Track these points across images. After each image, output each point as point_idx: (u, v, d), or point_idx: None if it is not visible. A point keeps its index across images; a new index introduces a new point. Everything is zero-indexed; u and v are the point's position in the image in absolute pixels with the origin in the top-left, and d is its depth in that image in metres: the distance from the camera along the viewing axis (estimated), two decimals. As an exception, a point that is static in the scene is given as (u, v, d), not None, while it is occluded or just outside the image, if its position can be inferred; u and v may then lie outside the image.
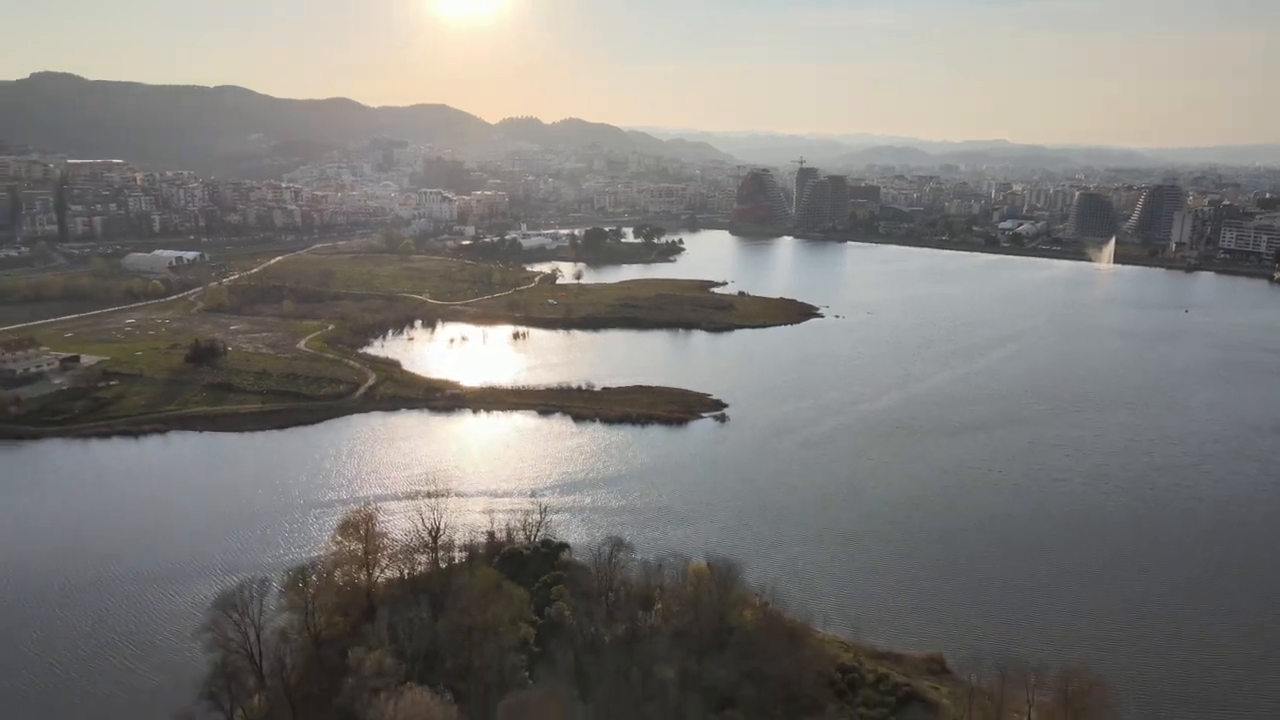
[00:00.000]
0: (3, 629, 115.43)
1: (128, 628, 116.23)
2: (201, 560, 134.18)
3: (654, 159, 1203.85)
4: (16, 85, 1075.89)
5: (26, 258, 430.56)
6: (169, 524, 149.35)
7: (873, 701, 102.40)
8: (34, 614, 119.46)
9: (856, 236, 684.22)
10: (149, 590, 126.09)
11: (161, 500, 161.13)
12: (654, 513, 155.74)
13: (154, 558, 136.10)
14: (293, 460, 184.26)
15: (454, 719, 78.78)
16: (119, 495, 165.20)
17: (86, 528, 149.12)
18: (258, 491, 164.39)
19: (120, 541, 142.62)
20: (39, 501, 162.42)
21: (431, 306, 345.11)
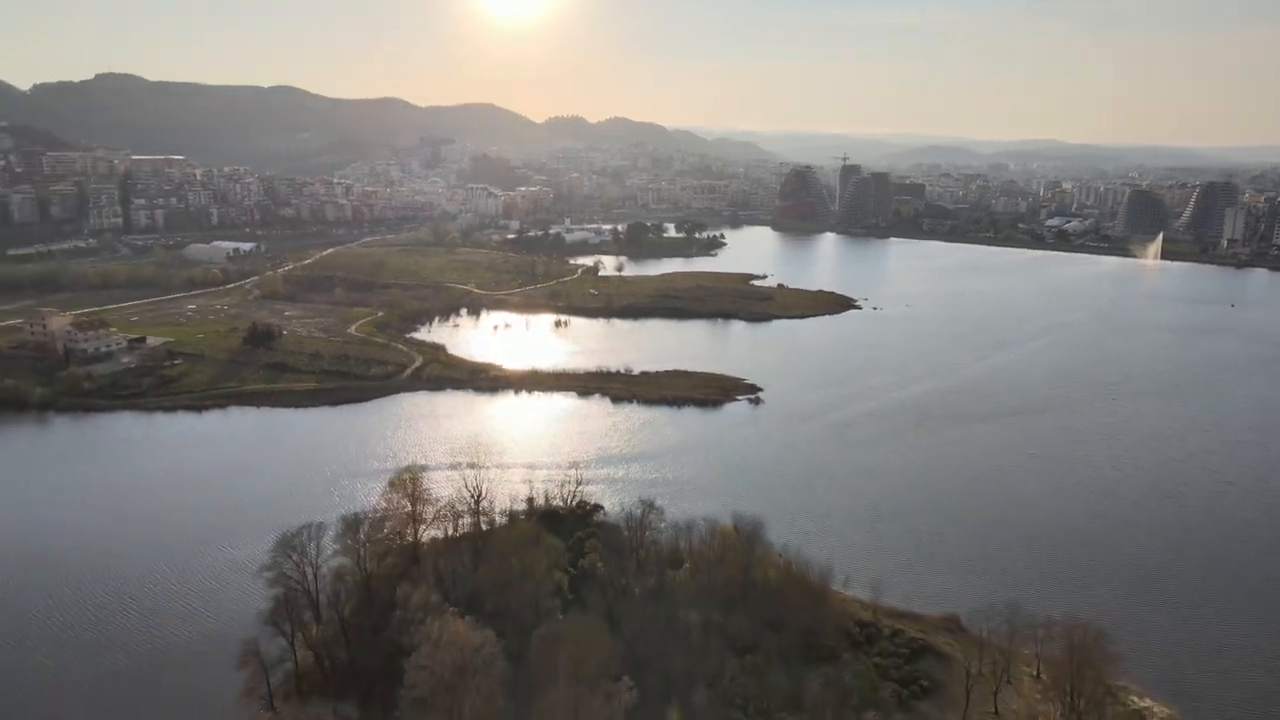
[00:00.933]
0: (84, 581, 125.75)
1: (193, 577, 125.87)
2: (259, 519, 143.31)
3: (698, 157, 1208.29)
4: (82, 86, 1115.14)
5: (93, 248, 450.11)
6: (229, 487, 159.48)
7: (888, 652, 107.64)
8: (109, 566, 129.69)
9: (899, 233, 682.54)
10: (211, 544, 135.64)
11: (222, 467, 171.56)
12: (685, 484, 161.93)
13: (215, 517, 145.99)
14: (344, 433, 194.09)
15: (491, 643, 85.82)
16: (183, 462, 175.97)
17: (153, 490, 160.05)
18: (311, 460, 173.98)
19: (184, 503, 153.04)
20: (111, 466, 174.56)
21: (476, 295, 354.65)
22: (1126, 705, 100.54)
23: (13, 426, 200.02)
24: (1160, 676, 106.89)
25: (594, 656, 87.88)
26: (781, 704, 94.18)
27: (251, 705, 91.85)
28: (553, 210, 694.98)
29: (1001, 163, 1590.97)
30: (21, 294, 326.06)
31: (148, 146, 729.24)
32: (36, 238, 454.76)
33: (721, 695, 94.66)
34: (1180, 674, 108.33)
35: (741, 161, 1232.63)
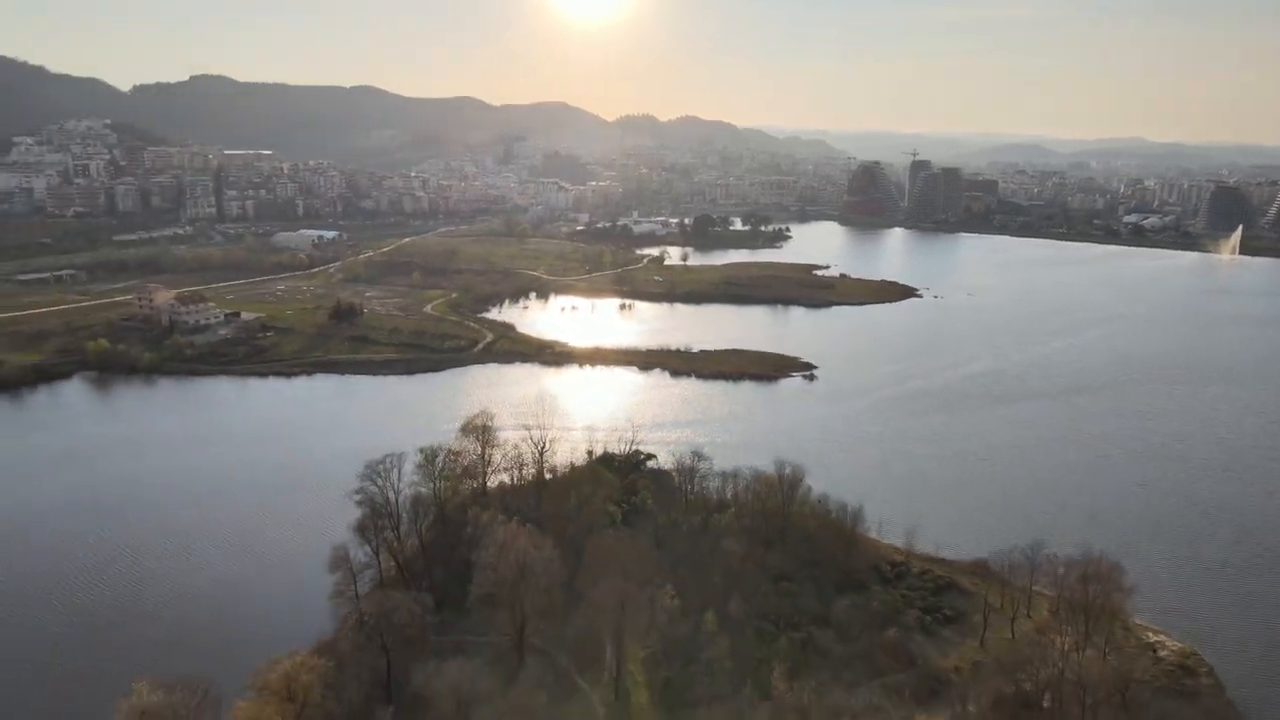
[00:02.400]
0: (201, 503, 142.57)
1: (289, 504, 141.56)
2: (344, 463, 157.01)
3: (767, 155, 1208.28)
4: (178, 86, 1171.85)
5: (190, 235, 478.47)
6: (316, 438, 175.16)
7: (915, 586, 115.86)
8: (219, 494, 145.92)
9: (969, 229, 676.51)
10: (302, 481, 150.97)
11: (309, 422, 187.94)
12: (736, 446, 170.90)
13: (304, 460, 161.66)
14: (419, 397, 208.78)
15: (549, 547, 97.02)
16: (275, 419, 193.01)
17: (250, 439, 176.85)
18: (389, 418, 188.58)
19: (278, 449, 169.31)
20: (213, 420, 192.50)
21: (545, 281, 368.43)
22: (1140, 638, 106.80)
23: (125, 386, 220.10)
24: (1178, 620, 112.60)
25: (641, 566, 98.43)
26: (810, 621, 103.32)
27: (341, 603, 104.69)
28: (621, 205, 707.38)
29: (1082, 161, 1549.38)
30: (127, 274, 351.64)
31: (238, 142, 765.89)
32: (139, 225, 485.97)
33: (755, 609, 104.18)
34: (1199, 620, 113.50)
35: (811, 159, 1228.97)
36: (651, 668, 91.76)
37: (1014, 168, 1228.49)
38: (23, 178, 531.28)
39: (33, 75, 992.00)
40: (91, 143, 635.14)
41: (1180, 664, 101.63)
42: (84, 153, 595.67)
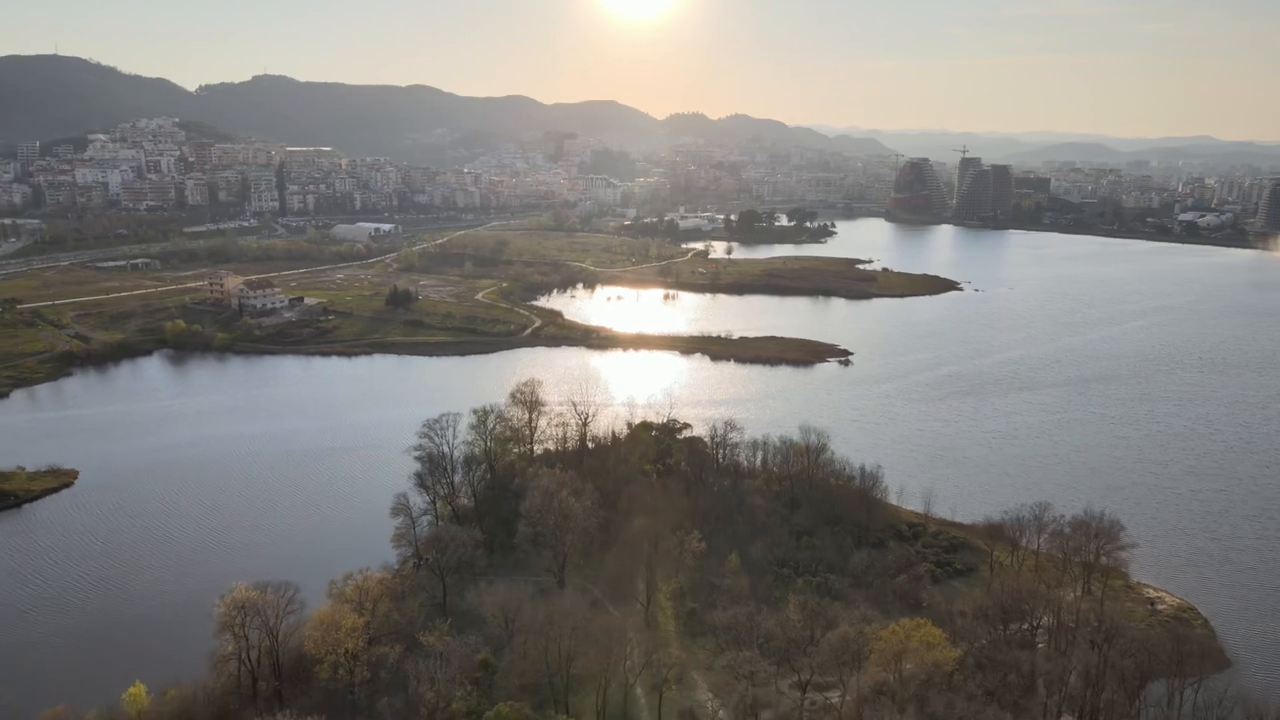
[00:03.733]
0: (274, 462, 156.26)
1: (351, 461, 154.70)
2: (400, 431, 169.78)
3: (816, 153, 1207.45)
4: (241, 86, 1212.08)
5: (254, 227, 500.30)
6: (374, 409, 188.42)
7: (929, 544, 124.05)
8: (287, 454, 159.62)
9: (1018, 225, 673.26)
10: (362, 443, 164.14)
11: (370, 395, 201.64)
12: (767, 422, 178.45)
13: (364, 428, 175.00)
14: (470, 375, 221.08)
15: (590, 493, 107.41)
16: (337, 392, 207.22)
17: (314, 409, 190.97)
18: (442, 393, 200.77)
19: (339, 418, 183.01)
20: (281, 393, 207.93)
21: (592, 272, 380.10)
22: (1141, 594, 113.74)
23: (200, 362, 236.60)
24: (1185, 584, 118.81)
25: (672, 513, 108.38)
26: (827, 569, 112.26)
27: (402, 543, 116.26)
28: (669, 201, 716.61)
29: (1142, 160, 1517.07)
30: (197, 263, 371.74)
31: (299, 140, 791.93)
32: (207, 217, 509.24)
33: (777, 558, 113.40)
34: (1207, 586, 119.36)
35: (860, 157, 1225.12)
36: (678, 600, 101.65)
37: (1069, 166, 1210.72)
38: (99, 173, 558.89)
39: (106, 76, 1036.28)
40: (162, 140, 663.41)
41: (1175, 616, 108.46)
42: (155, 149, 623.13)
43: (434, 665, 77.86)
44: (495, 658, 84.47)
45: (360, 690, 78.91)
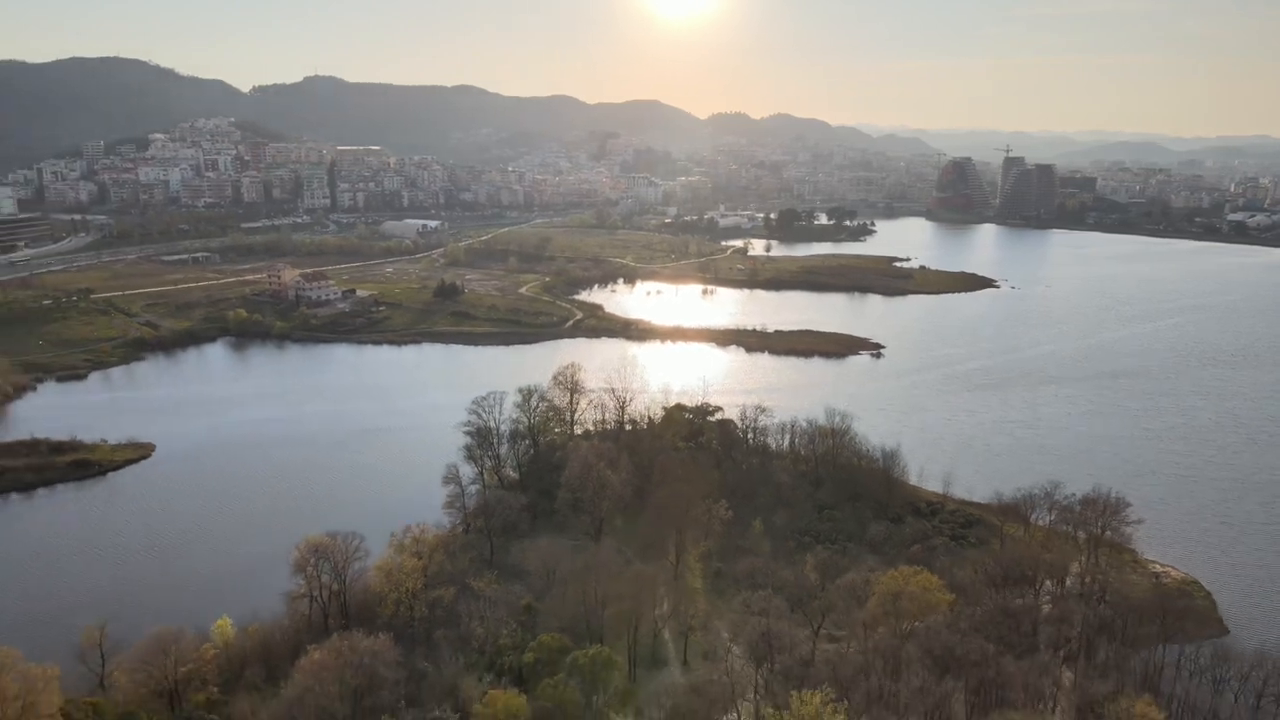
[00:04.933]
0: (337, 437, 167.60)
1: (405, 438, 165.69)
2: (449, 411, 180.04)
3: (859, 152, 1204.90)
4: (293, 87, 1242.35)
5: (307, 224, 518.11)
6: (425, 393, 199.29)
7: (945, 520, 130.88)
8: (345, 429, 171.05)
9: (1061, 224, 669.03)
10: (415, 421, 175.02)
11: (419, 380, 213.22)
12: (796, 410, 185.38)
13: (414, 409, 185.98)
14: (514, 363, 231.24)
15: (627, 463, 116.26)
16: (389, 378, 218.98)
17: (369, 392, 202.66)
18: (487, 379, 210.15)
19: (393, 399, 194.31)
20: (336, 378, 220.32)
21: (632, 268, 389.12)
22: (1147, 569, 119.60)
23: (259, 349, 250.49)
24: (1194, 563, 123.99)
25: (702, 483, 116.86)
26: (846, 538, 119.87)
27: (452, 510, 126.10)
28: (709, 199, 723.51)
29: (1196, 159, 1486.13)
30: (254, 256, 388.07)
31: (349, 139, 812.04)
32: (262, 214, 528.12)
33: (799, 527, 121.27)
34: (1216, 566, 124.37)
35: (904, 156, 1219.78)
36: (705, 561, 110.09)
37: (1119, 165, 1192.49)
38: (161, 171, 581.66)
39: (165, 77, 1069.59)
40: (219, 139, 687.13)
41: (1178, 588, 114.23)
42: (213, 149, 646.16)
43: (483, 606, 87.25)
44: (537, 603, 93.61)
45: (419, 625, 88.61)
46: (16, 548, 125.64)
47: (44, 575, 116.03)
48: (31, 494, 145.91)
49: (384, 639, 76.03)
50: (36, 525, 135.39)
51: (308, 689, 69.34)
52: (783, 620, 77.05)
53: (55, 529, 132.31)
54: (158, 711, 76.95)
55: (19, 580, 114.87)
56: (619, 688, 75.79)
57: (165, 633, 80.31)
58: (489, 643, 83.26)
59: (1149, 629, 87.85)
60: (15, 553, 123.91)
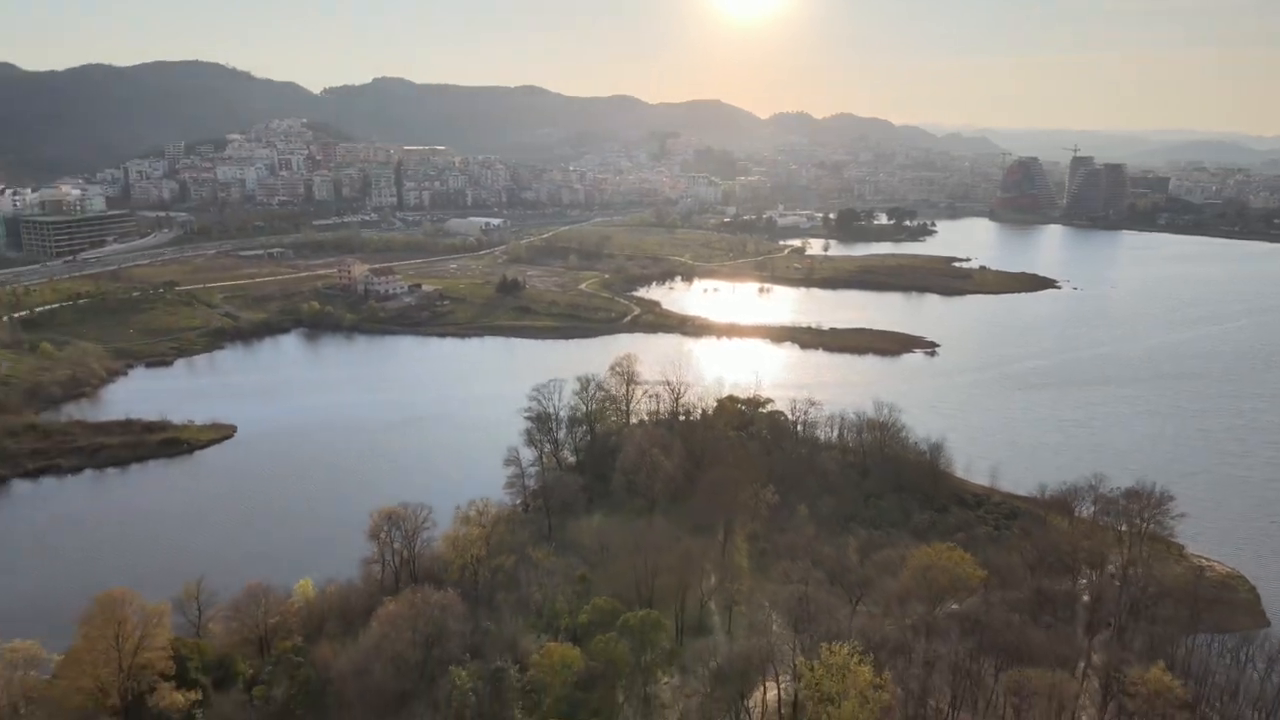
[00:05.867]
0: (409, 419, 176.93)
1: (469, 422, 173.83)
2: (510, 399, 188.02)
3: (922, 151, 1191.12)
4: (362, 88, 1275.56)
5: (375, 221, 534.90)
6: (487, 381, 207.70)
7: (990, 510, 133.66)
8: (412, 412, 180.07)
9: (1131, 225, 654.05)
10: (483, 409, 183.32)
11: (482, 371, 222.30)
12: (847, 405, 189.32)
13: (477, 398, 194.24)
14: (573, 356, 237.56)
15: (679, 447, 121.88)
16: (453, 367, 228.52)
17: (434, 380, 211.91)
18: (549, 370, 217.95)
19: (457, 387, 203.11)
20: (404, 367, 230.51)
21: (690, 265, 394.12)
22: (1192, 563, 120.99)
23: (331, 339, 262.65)
24: (1242, 560, 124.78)
25: (750, 469, 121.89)
26: (890, 525, 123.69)
27: (512, 490, 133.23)
28: (769, 199, 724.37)
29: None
30: (325, 252, 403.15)
31: (415, 138, 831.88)
32: (332, 211, 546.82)
33: (844, 513, 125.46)
34: (1258, 558, 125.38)
35: (968, 156, 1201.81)
36: (752, 542, 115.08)
37: (1195, 165, 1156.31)
38: (238, 170, 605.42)
39: (241, 80, 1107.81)
40: (292, 140, 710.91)
41: (1222, 581, 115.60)
42: (286, 149, 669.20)
43: (541, 574, 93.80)
44: (591, 574, 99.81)
45: (482, 588, 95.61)
46: (117, 515, 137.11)
47: (142, 540, 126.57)
48: (127, 469, 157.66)
49: (452, 594, 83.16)
50: (133, 496, 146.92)
51: (384, 637, 76.66)
52: (821, 589, 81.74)
53: (151, 500, 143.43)
54: (249, 656, 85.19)
55: (120, 543, 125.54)
56: (666, 648, 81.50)
57: (256, 586, 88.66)
58: (546, 606, 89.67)
59: (1180, 611, 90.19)
60: (116, 520, 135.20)
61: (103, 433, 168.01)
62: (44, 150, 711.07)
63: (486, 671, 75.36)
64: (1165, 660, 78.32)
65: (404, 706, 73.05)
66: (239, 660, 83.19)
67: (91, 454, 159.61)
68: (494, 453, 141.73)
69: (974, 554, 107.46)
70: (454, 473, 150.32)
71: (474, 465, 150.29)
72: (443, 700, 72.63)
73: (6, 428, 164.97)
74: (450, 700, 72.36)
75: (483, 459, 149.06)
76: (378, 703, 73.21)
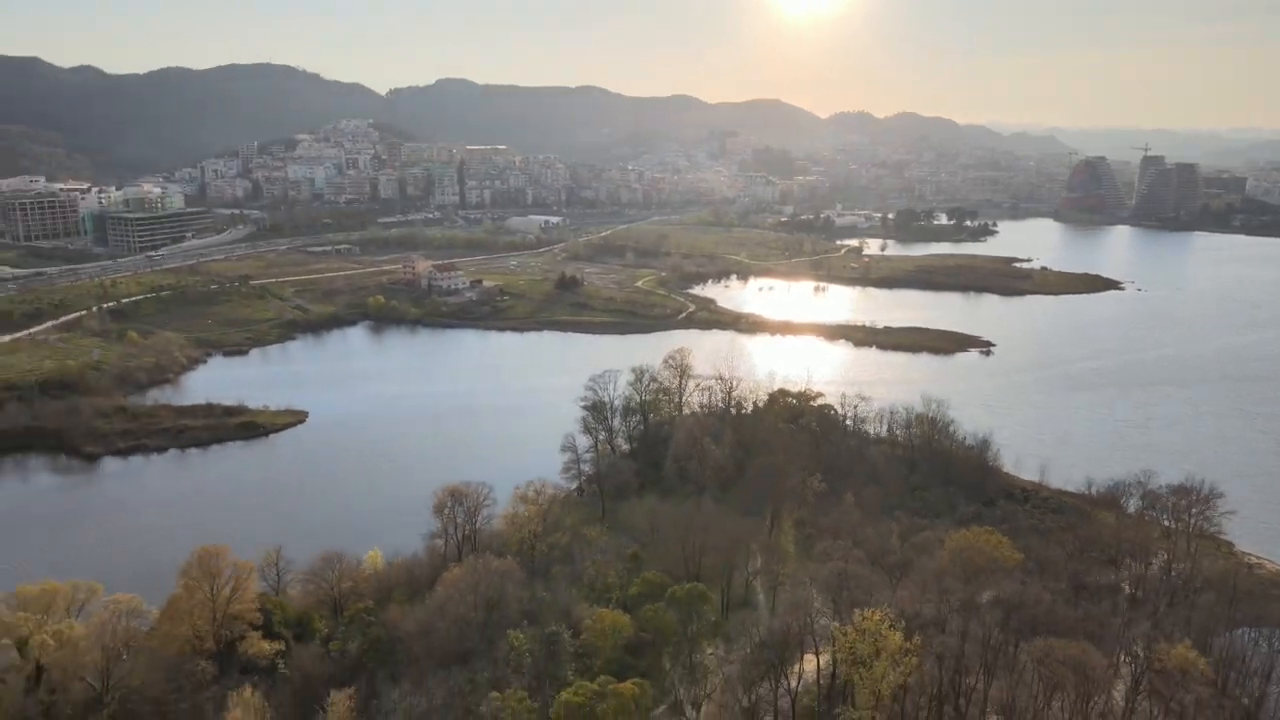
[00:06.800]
0: (473, 404, 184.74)
1: (527, 410, 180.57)
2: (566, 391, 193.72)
3: (987, 151, 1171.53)
4: (426, 90, 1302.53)
5: (438, 219, 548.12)
6: (545, 374, 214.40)
7: (1037, 505, 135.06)
8: (474, 397, 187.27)
9: (1203, 227, 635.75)
10: (542, 398, 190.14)
11: (540, 363, 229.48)
12: (897, 401, 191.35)
13: (536, 390, 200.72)
14: (629, 350, 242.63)
15: (729, 438, 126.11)
16: (513, 360, 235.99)
17: (494, 371, 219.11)
18: (605, 363, 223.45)
19: (517, 378, 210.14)
20: (465, 359, 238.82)
21: (746, 264, 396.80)
22: (1242, 560, 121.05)
23: (395, 332, 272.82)
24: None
25: (799, 458, 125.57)
26: (935, 515, 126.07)
27: (568, 474, 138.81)
28: (827, 199, 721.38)
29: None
30: (390, 249, 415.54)
31: (477, 138, 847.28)
32: (397, 209, 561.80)
33: (890, 504, 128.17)
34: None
35: (1034, 155, 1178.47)
36: (798, 527, 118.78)
37: (1275, 164, 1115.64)
38: (307, 170, 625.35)
39: (311, 82, 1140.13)
40: (358, 140, 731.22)
41: (1272, 579, 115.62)
42: (353, 149, 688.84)
43: (594, 551, 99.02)
44: (642, 552, 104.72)
45: (539, 561, 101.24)
46: (203, 490, 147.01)
47: (223, 513, 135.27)
48: (207, 449, 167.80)
49: (511, 561, 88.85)
50: (216, 474, 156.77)
51: (448, 599, 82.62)
52: (861, 566, 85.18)
53: (231, 477, 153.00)
54: (324, 616, 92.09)
55: (203, 516, 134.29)
56: (711, 620, 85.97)
57: (332, 553, 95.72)
58: (598, 580, 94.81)
59: (1219, 602, 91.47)
60: (199, 495, 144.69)
61: (186, 415, 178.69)
62: (125, 150, 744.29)
63: (542, 635, 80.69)
64: (1200, 648, 79.98)
65: (466, 664, 78.66)
66: (316, 618, 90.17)
67: (175, 435, 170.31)
68: (550, 440, 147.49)
69: (1015, 542, 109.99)
70: (512, 458, 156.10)
71: (531, 452, 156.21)
72: (501, 659, 78.21)
73: (99, 409, 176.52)
74: (508, 660, 77.89)
75: (539, 446, 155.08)
76: (442, 659, 79.01)
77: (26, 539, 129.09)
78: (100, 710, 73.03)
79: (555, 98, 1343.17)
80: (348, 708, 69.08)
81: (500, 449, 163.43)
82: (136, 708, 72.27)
